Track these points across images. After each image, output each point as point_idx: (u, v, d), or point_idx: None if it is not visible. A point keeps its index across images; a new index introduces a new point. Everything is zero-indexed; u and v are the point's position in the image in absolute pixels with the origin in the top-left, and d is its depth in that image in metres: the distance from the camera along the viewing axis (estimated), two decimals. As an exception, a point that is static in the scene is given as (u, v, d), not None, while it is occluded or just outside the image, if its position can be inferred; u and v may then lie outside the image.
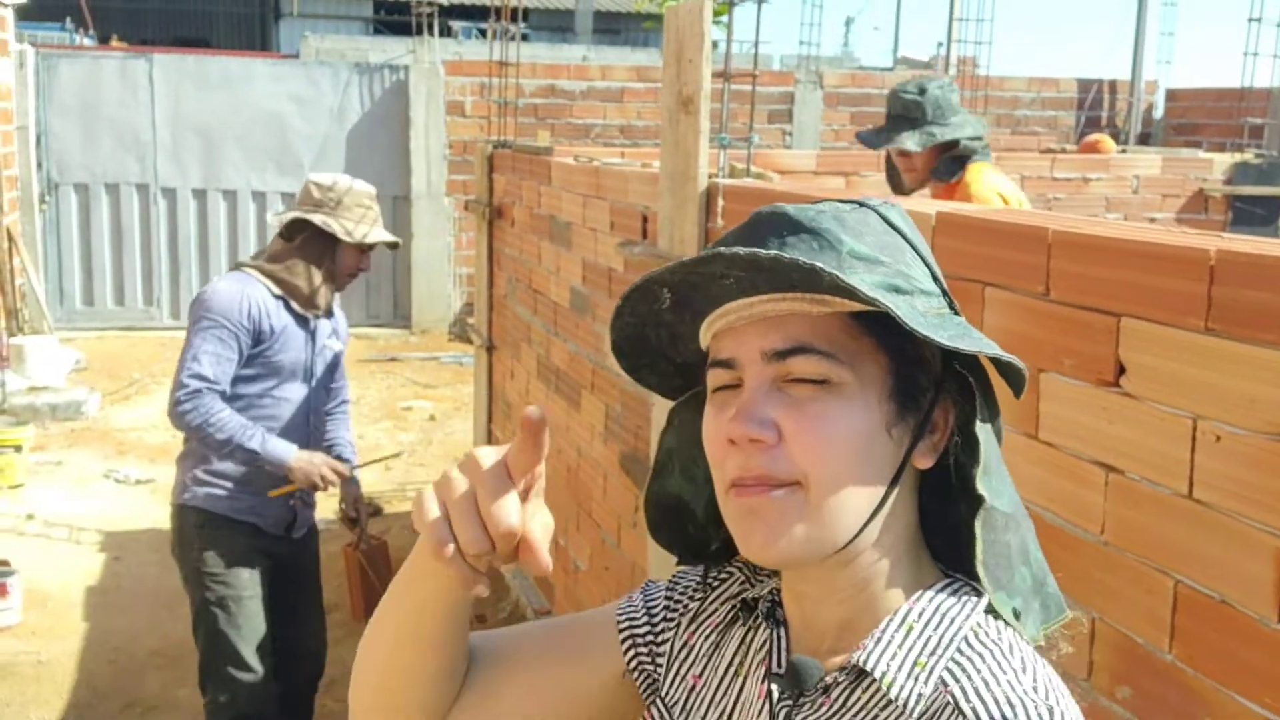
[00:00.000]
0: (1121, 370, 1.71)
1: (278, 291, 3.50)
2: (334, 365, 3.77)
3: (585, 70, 11.09)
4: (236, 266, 3.62)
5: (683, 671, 1.11)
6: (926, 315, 0.93)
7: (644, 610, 1.15)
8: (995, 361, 0.96)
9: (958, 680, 0.91)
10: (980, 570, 0.96)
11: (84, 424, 7.99)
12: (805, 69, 11.79)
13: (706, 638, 1.11)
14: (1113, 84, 12.40)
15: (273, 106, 10.67)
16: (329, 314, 3.68)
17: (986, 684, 0.90)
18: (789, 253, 0.91)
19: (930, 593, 0.97)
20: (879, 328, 0.93)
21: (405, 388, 9.15)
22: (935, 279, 0.98)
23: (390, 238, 3.68)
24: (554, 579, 4.76)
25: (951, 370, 0.98)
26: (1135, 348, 1.68)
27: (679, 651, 1.12)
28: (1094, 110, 12.35)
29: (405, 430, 8.11)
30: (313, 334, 3.62)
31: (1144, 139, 11.69)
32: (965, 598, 0.97)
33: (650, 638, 1.13)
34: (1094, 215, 5.89)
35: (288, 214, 3.60)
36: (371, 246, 3.61)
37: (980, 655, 0.93)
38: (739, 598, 1.10)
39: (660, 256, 3.25)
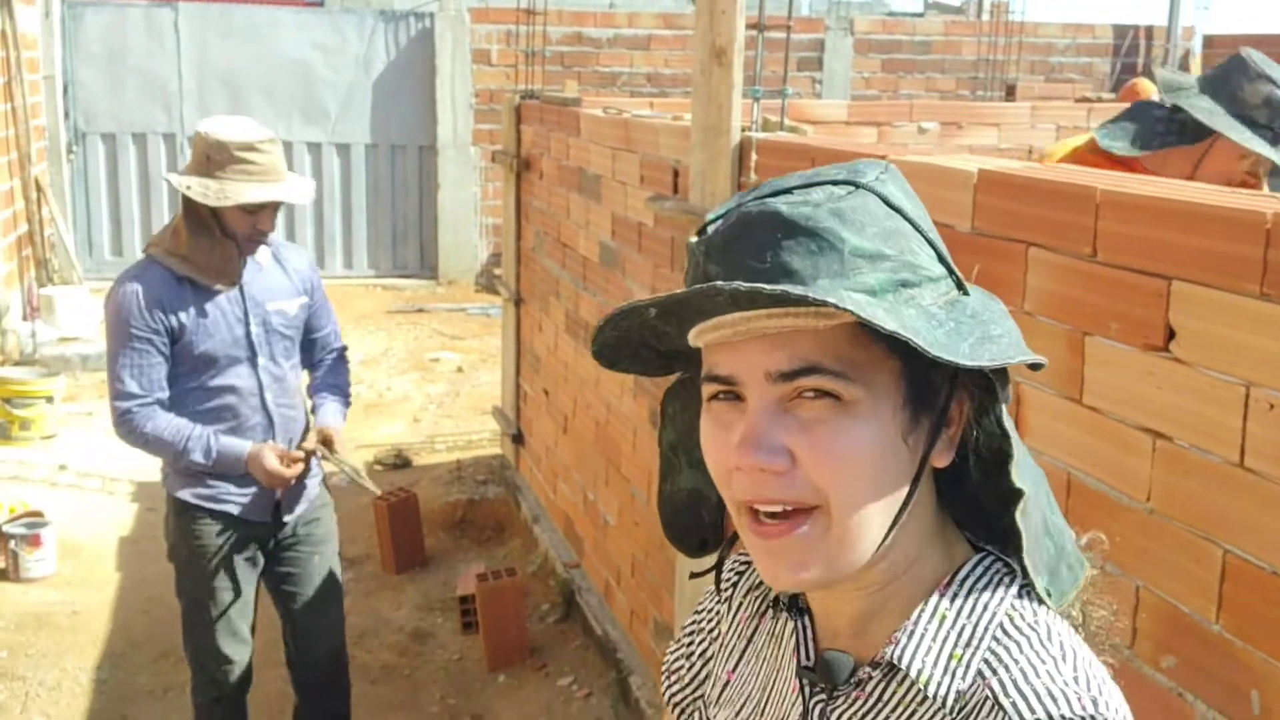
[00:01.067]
0: (1171, 335, 1.66)
1: (182, 271, 3.05)
2: (299, 323, 3.31)
3: (612, 17, 10.96)
4: (146, 249, 3.17)
5: (718, 670, 1.10)
6: (935, 313, 0.88)
7: (673, 683, 1.16)
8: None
9: (996, 673, 0.88)
10: (1026, 561, 0.93)
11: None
12: (835, 15, 11.61)
13: (738, 633, 1.10)
14: (1149, 30, 12.16)
15: (298, 55, 10.61)
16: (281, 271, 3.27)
17: (1025, 675, 0.87)
18: (786, 257, 0.86)
19: (961, 576, 0.94)
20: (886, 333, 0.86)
21: (432, 339, 9.16)
22: (941, 259, 0.92)
23: (263, 198, 2.99)
24: (584, 533, 4.77)
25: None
26: (1186, 312, 1.64)
27: (715, 645, 1.12)
28: (1129, 57, 12.13)
29: (433, 382, 8.12)
30: (245, 305, 3.15)
31: (1181, 86, 11.46)
32: (998, 579, 0.94)
33: (694, 686, 1.15)
34: (1131, 166, 5.78)
35: (172, 176, 3.10)
36: (260, 207, 3.02)
37: (1018, 643, 0.89)
38: (764, 589, 1.09)
39: (691, 212, 3.20)
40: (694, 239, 0.93)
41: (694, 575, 1.13)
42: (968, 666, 0.89)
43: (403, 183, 10.91)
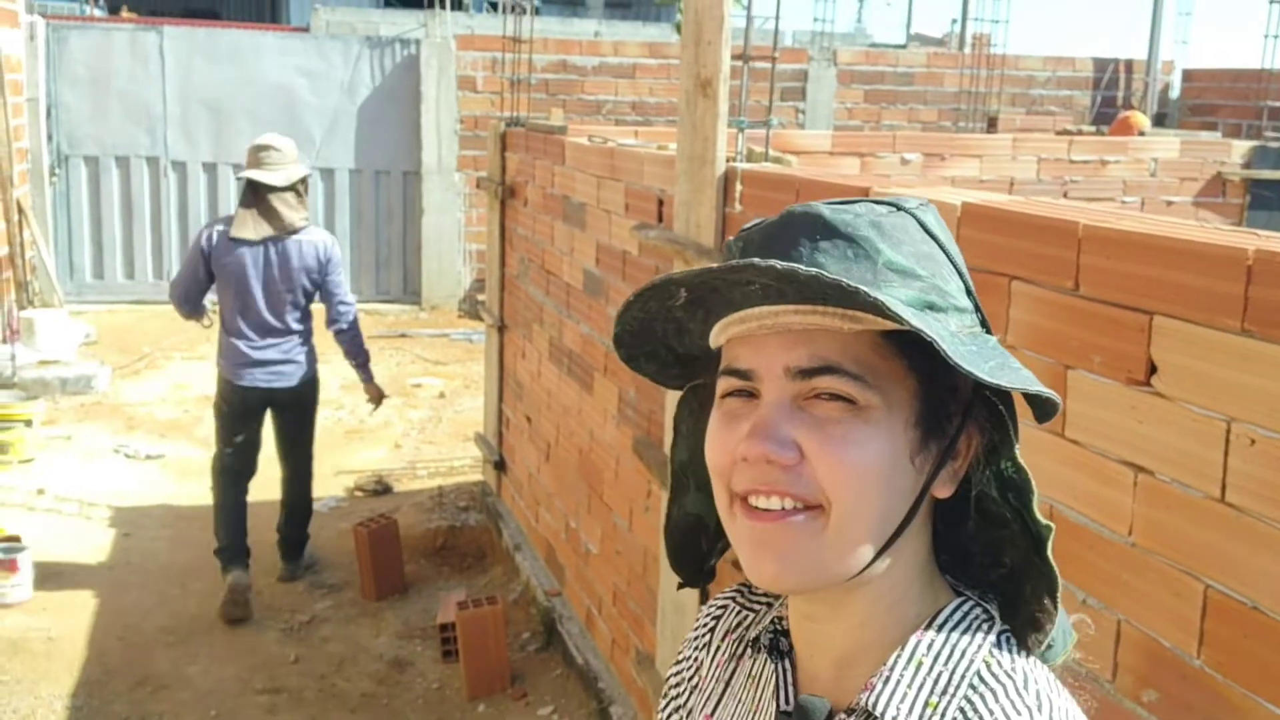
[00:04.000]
0: (1153, 369, 1.67)
1: None
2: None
3: (597, 46, 11.01)
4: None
5: (697, 713, 1.09)
6: (959, 336, 0.88)
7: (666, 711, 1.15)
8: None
9: None
10: (1048, 602, 0.92)
11: (94, 398, 7.98)
12: (818, 45, 11.70)
13: (716, 676, 1.08)
14: (1129, 63, 12.29)
15: (283, 80, 10.62)
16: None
17: None
18: (822, 258, 0.87)
19: (940, 621, 0.92)
20: (911, 349, 0.87)
21: (415, 364, 9.14)
22: (969, 292, 0.93)
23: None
24: (565, 561, 4.75)
25: (980, 395, 0.92)
26: (1168, 347, 1.65)
27: (694, 696, 1.11)
28: (1110, 90, 12.25)
29: (415, 407, 8.10)
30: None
31: (1159, 119, 11.59)
32: (977, 625, 0.93)
33: None
34: (1111, 198, 5.83)
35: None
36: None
37: (993, 692, 0.88)
38: (741, 630, 1.07)
39: (676, 241, 3.21)
40: (733, 240, 0.94)
41: (681, 586, 1.12)
42: (942, 716, 0.88)
43: (386, 208, 10.91)
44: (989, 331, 0.93)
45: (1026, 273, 1.92)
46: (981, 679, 0.89)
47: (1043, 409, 0.91)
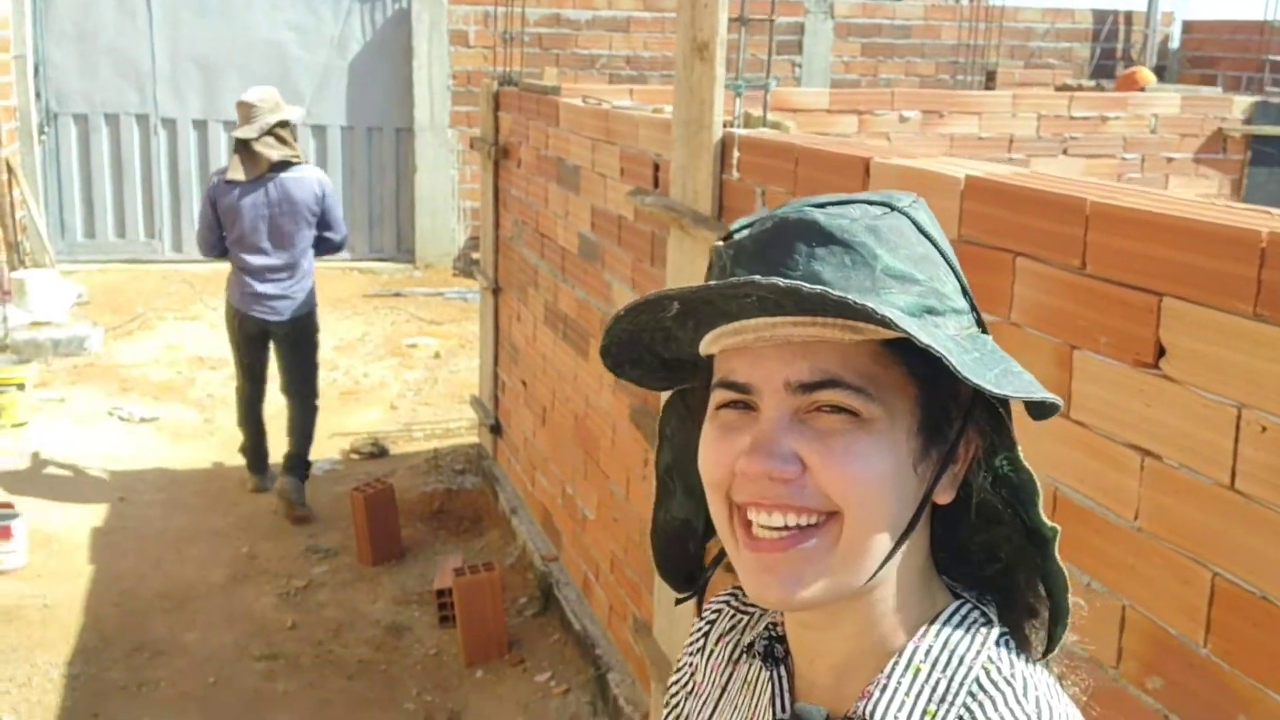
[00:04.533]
0: (1162, 352, 1.64)
1: None
2: None
3: (591, 0, 10.86)
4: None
5: (695, 718, 1.08)
6: (959, 341, 0.86)
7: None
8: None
9: None
10: (1064, 612, 0.93)
11: (87, 360, 7.94)
12: (816, -2, 11.54)
13: (712, 682, 1.07)
14: (1129, 15, 12.15)
15: (273, 35, 10.47)
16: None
17: None
18: (818, 266, 0.85)
19: (938, 626, 0.91)
20: (912, 356, 0.85)
21: (410, 324, 9.08)
22: (965, 292, 0.91)
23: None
24: (562, 526, 4.73)
25: (980, 398, 0.90)
26: (1177, 329, 1.61)
27: (690, 702, 1.09)
28: (1109, 42, 12.12)
29: (410, 368, 8.06)
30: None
31: (1159, 72, 11.47)
32: (975, 629, 0.92)
33: None
34: (1111, 155, 5.77)
35: None
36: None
37: (992, 700, 0.87)
38: (736, 634, 1.06)
39: (673, 208, 3.16)
40: (720, 243, 0.91)
41: (679, 601, 1.10)
42: None
43: (379, 165, 10.80)
44: (985, 331, 0.92)
45: (1032, 249, 1.88)
46: (980, 686, 0.88)
47: (1041, 409, 0.89)
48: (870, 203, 0.90)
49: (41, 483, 6.00)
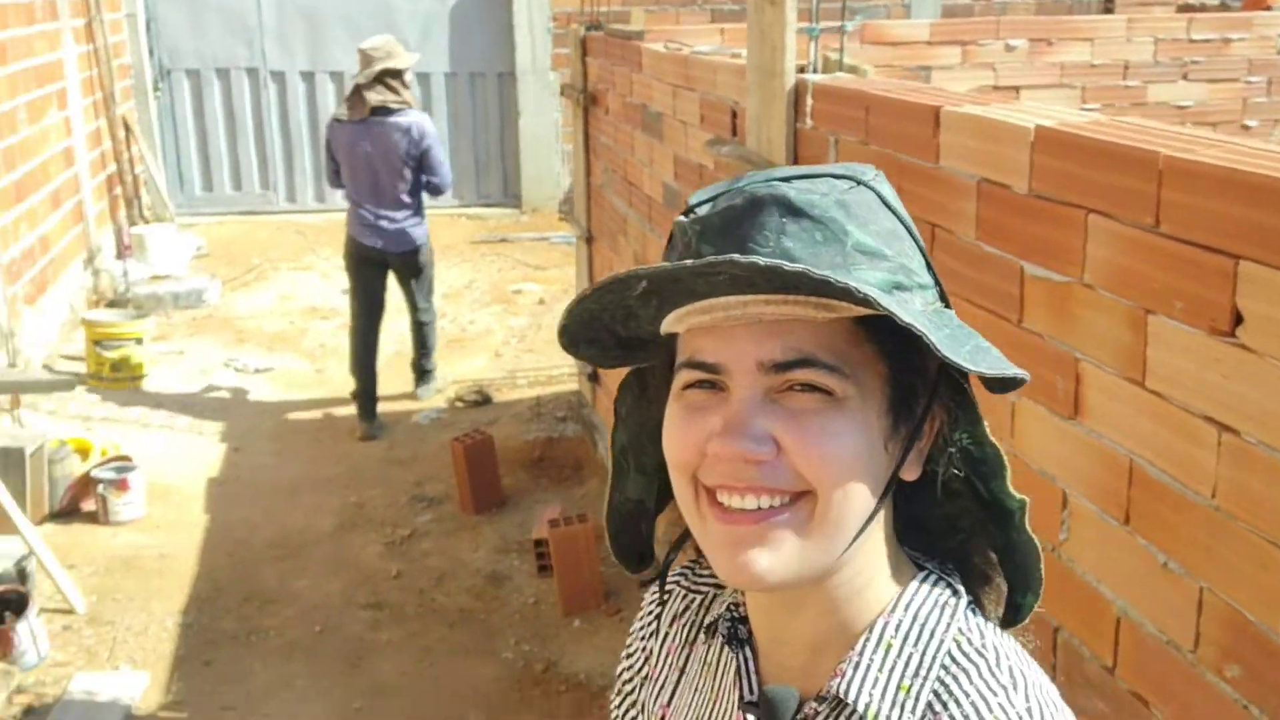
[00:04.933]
0: (1239, 319, 1.51)
1: None
2: None
3: (692, -69, 10.63)
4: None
5: (652, 706, 1.06)
6: (929, 316, 0.85)
7: (618, 702, 1.12)
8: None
9: (946, 706, 0.86)
10: (1035, 582, 0.94)
11: (205, 311, 8.17)
12: (926, -81, 11.10)
13: (669, 664, 1.06)
14: (1266, -79, 11.41)
15: (376, -17, 10.52)
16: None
17: (977, 709, 0.85)
18: (789, 243, 0.83)
19: (906, 599, 0.91)
20: (882, 333, 0.85)
21: (515, 270, 9.13)
22: (929, 267, 0.90)
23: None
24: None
25: (945, 374, 0.89)
26: (1255, 295, 1.49)
27: (646, 686, 1.08)
28: (1244, -49, 11.41)
29: (515, 314, 8.10)
30: None
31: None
32: (943, 602, 0.91)
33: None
34: (1234, 79, 5.44)
35: None
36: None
37: (967, 672, 0.87)
38: (690, 615, 1.05)
39: (748, 159, 3.07)
40: (683, 218, 0.89)
41: (643, 584, 1.10)
42: (917, 699, 0.87)
43: (483, 111, 10.81)
44: (948, 305, 0.91)
45: (1104, 206, 1.75)
46: (953, 658, 0.88)
47: (1005, 384, 0.87)
48: (836, 176, 0.89)
49: (161, 433, 6.21)
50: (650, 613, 1.10)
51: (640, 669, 1.09)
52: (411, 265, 6.24)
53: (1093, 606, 1.87)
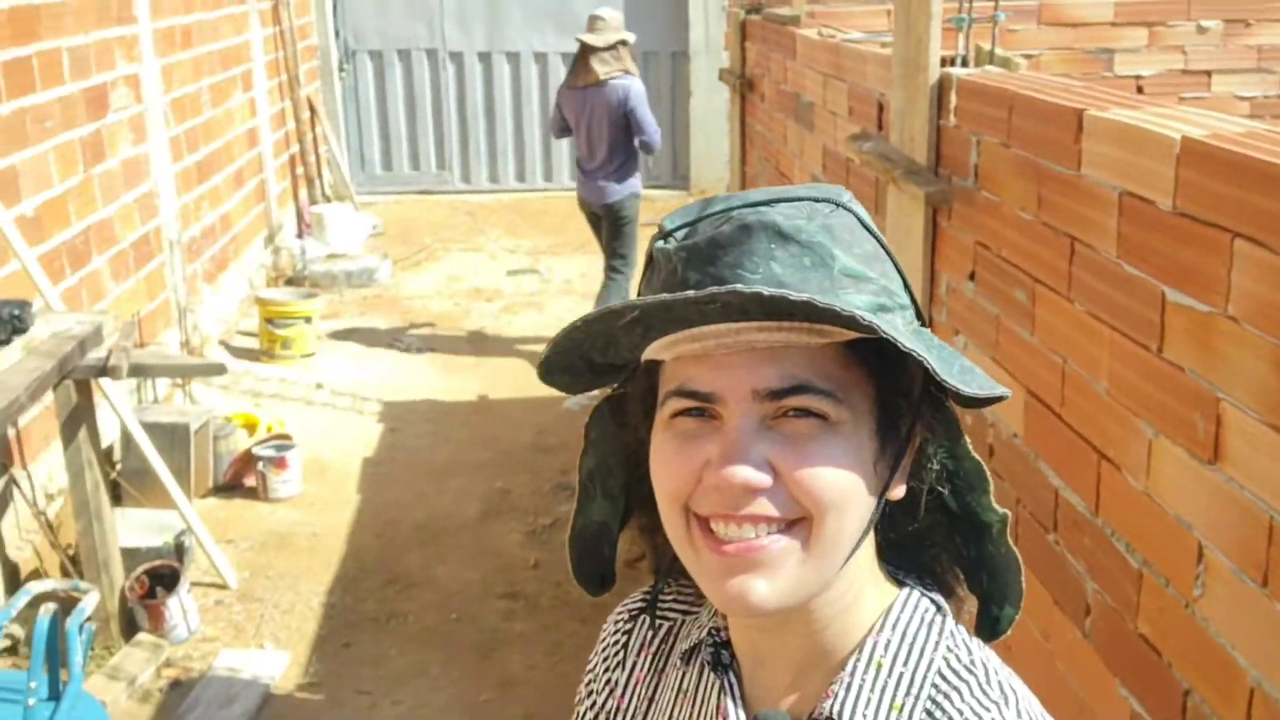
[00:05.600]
0: (1402, 374, 1.30)
1: None
2: None
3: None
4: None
5: None
6: (912, 334, 0.86)
7: None
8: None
9: None
10: (1014, 595, 0.96)
11: (376, 290, 8.37)
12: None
13: (637, 695, 1.05)
14: None
15: (552, -36, 10.57)
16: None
17: None
18: (778, 269, 0.83)
19: (893, 618, 0.92)
20: (871, 356, 0.85)
21: (680, 253, 9.04)
22: (906, 285, 0.91)
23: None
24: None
25: (926, 392, 0.90)
26: None
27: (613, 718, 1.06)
28: None
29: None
30: None
31: None
32: (930, 619, 0.92)
33: None
34: None
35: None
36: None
37: (958, 690, 0.88)
38: (659, 643, 1.05)
39: (887, 158, 2.89)
40: (664, 244, 0.89)
41: (627, 624, 1.09)
42: (910, 718, 0.88)
43: (654, 90, 10.71)
44: (924, 323, 0.92)
45: (1253, 231, 1.54)
46: (944, 676, 0.89)
47: (982, 402, 0.89)
48: (814, 199, 0.88)
49: (323, 411, 6.39)
50: (616, 642, 1.09)
51: (604, 703, 1.08)
52: (613, 219, 6.63)
53: (1226, 672, 1.67)
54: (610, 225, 6.67)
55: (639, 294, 0.92)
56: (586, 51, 6.48)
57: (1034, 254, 2.25)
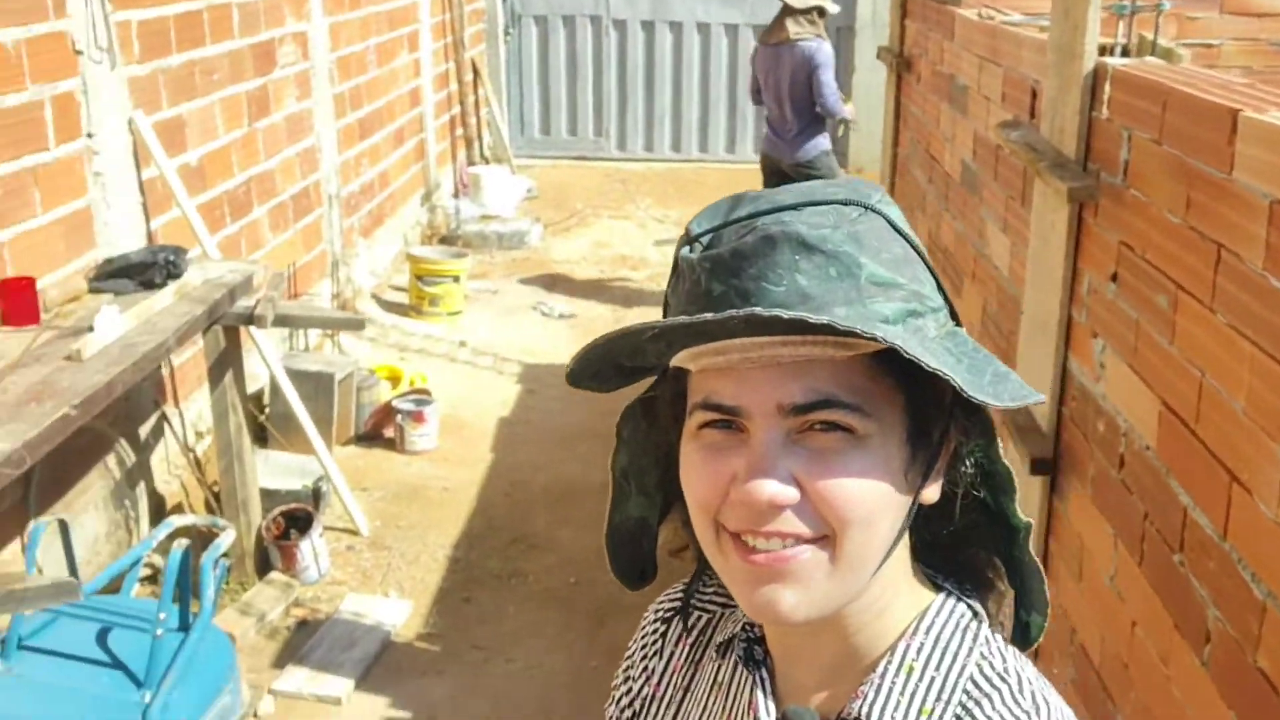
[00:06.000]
0: None
1: None
2: None
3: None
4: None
5: None
6: (943, 342, 0.85)
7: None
8: None
9: None
10: (1040, 602, 0.96)
11: (525, 254, 8.49)
12: None
13: (674, 684, 1.06)
14: None
15: (721, -67, 10.47)
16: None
17: None
18: (803, 280, 0.82)
19: (927, 622, 0.91)
20: (899, 365, 0.83)
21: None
22: (940, 288, 0.89)
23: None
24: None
25: (959, 396, 0.85)
26: None
27: (647, 706, 1.08)
28: None
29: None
30: None
31: None
32: (964, 625, 0.92)
33: None
34: None
35: None
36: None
37: (990, 697, 0.87)
38: (698, 634, 1.06)
39: (1033, 148, 2.77)
40: (690, 252, 0.88)
41: (667, 613, 1.11)
42: None
43: (817, 66, 10.59)
44: (959, 323, 0.91)
45: None
46: (975, 683, 0.89)
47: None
48: (843, 202, 0.87)
49: (464, 369, 6.52)
50: (655, 631, 1.10)
51: (640, 689, 1.10)
52: (803, 177, 6.59)
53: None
54: (799, 177, 6.79)
55: (665, 298, 0.93)
56: (785, 12, 6.65)
57: (1179, 259, 2.13)
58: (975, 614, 0.93)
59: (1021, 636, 0.98)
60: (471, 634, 4.19)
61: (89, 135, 4.00)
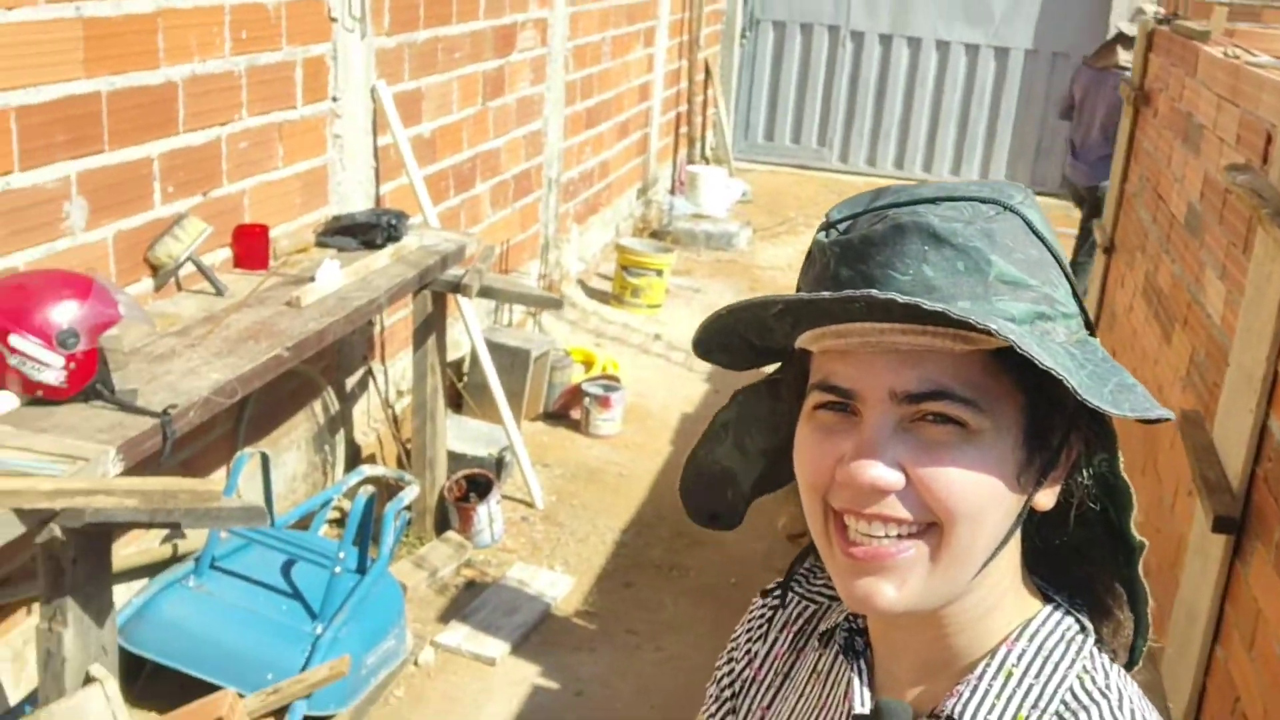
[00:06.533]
0: None
1: None
2: None
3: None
4: None
5: (750, 706, 1.08)
6: (1070, 349, 0.84)
7: (714, 699, 1.14)
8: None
9: None
10: (1144, 625, 0.94)
11: (731, 255, 8.54)
12: None
13: (774, 669, 1.08)
14: None
15: (973, -47, 10.27)
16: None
17: None
18: (929, 271, 0.83)
19: (1032, 630, 0.90)
20: (1021, 365, 0.81)
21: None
22: (1075, 295, 0.88)
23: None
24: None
25: (1084, 406, 0.83)
26: None
27: (746, 688, 1.10)
28: None
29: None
30: None
31: None
32: (1070, 637, 0.91)
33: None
34: None
35: None
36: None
37: (1088, 710, 0.86)
38: (803, 622, 1.07)
39: (1259, 193, 2.64)
40: (823, 236, 0.90)
41: (764, 592, 1.14)
42: None
43: (1054, 94, 10.25)
44: (1093, 333, 0.89)
45: None
46: (1074, 695, 0.87)
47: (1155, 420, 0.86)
48: (982, 200, 0.86)
49: (657, 361, 6.62)
50: (762, 616, 1.12)
51: (741, 671, 1.11)
52: (1096, 202, 6.66)
53: None
54: (1093, 207, 6.75)
55: (798, 283, 0.93)
56: (1120, 39, 6.72)
57: (1398, 323, 2.00)
58: (1083, 628, 0.92)
59: (1127, 658, 0.96)
60: (627, 618, 4.26)
61: (334, 99, 4.26)
